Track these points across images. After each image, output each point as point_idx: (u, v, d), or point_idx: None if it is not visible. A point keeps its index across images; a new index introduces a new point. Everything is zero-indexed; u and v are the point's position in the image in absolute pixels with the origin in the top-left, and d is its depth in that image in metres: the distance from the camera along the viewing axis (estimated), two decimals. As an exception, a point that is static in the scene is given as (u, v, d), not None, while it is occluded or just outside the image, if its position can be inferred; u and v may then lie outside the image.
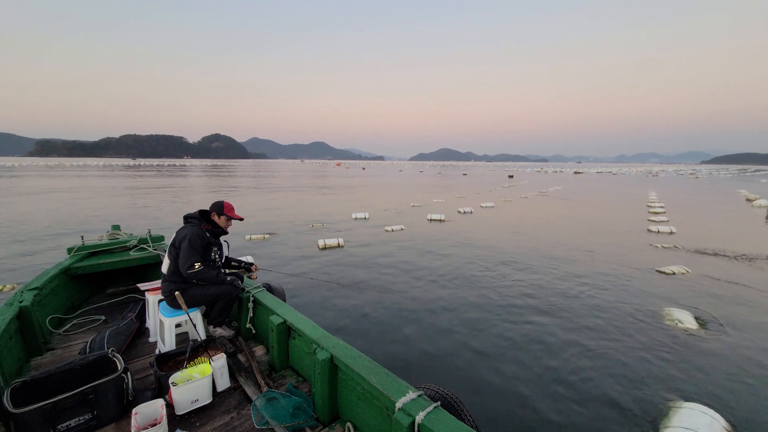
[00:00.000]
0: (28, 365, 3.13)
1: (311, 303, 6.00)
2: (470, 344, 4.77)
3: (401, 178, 50.70)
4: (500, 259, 8.80)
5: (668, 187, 37.59)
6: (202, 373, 2.66)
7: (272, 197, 23.12)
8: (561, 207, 19.83)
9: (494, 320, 5.46)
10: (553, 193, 29.34)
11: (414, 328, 5.18)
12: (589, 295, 6.53)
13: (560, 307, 5.97)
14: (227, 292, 3.39)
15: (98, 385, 2.39)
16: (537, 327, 5.26)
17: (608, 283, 7.12)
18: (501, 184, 40.13)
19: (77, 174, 47.83)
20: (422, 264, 8.25)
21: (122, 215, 14.76)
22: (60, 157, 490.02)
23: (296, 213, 16.23)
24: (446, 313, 5.68)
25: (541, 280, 7.32)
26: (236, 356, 3.29)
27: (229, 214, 3.46)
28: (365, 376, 2.16)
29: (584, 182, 46.54)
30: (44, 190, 25.43)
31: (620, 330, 5.20)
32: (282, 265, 7.97)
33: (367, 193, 27.46)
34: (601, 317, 5.60)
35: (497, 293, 6.54)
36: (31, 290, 3.47)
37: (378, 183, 39.62)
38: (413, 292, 6.49)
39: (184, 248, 3.14)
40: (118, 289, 4.89)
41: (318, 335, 2.69)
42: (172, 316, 3.20)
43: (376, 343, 4.77)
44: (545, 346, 4.73)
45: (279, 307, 3.23)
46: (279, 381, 2.98)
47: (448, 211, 16.82)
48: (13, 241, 10.21)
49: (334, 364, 2.46)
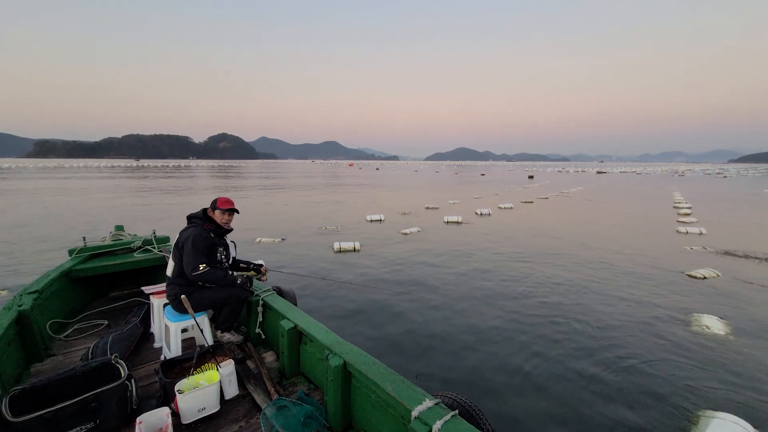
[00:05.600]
0: (28, 372, 3.12)
1: (324, 307, 5.94)
2: (490, 350, 4.68)
3: (417, 179, 50.32)
4: (519, 262, 8.69)
5: (695, 187, 36.98)
6: (210, 380, 2.63)
7: (283, 199, 23.13)
8: (583, 208, 19.59)
9: (514, 325, 5.38)
10: (575, 193, 29.02)
11: (431, 333, 5.10)
12: (615, 298, 6.44)
13: (584, 311, 5.87)
14: (235, 296, 3.35)
15: (101, 392, 2.36)
16: (559, 332, 5.17)
17: (635, 287, 7.01)
18: (521, 185, 39.53)
19: (78, 176, 48.38)
20: (439, 268, 8.17)
21: (125, 215, 14.81)
22: (59, 158, 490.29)
23: (308, 215, 16.17)
24: (464, 318, 5.59)
25: (562, 283, 7.22)
26: (245, 362, 3.25)
27: (223, 207, 3.37)
28: (380, 384, 2.14)
29: (607, 182, 45.79)
30: (43, 191, 25.72)
31: (646, 335, 5.11)
32: (295, 268, 7.92)
33: (382, 194, 27.35)
34: (627, 322, 5.51)
35: (518, 297, 6.45)
36: (30, 294, 3.46)
37: (393, 184, 39.39)
38: (430, 297, 6.41)
39: (187, 250, 3.11)
40: (122, 293, 4.89)
41: (330, 341, 2.66)
42: (177, 321, 3.17)
43: (391, 349, 4.69)
44: (568, 352, 4.65)
45: (290, 312, 3.19)
46: (290, 388, 2.94)
47: (465, 213, 16.67)
48: (12, 242, 10.26)
49: (348, 370, 2.43)
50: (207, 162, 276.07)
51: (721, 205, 21.42)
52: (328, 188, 32.89)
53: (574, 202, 22.39)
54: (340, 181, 43.96)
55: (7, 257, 8.82)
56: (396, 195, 27.08)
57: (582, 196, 27.09)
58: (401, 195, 27.13)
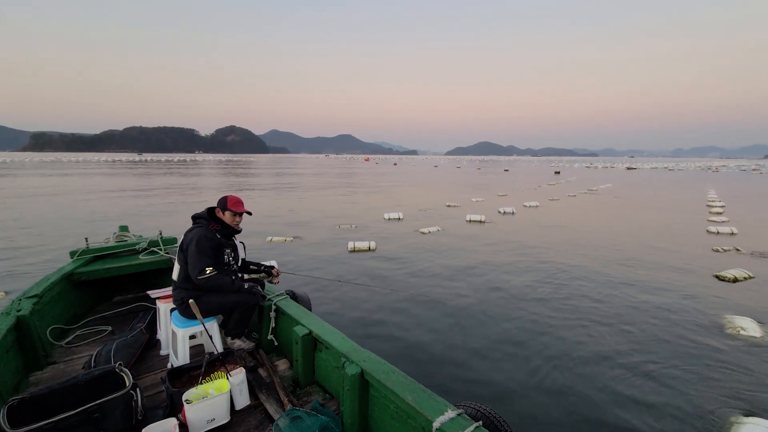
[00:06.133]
0: (27, 381, 3.05)
1: (339, 312, 5.79)
2: (514, 356, 4.57)
3: (437, 175, 49.28)
4: (544, 263, 8.52)
5: (729, 184, 36.09)
6: (219, 390, 2.57)
7: (296, 196, 22.75)
8: (612, 206, 19.17)
9: (539, 328, 5.26)
10: (603, 191, 28.39)
11: (453, 339, 4.98)
12: (643, 301, 6.34)
13: (612, 314, 5.76)
14: (246, 300, 3.26)
15: (104, 402, 2.29)
16: (585, 335, 5.09)
17: (664, 289, 6.89)
18: (546, 181, 38.53)
19: (77, 171, 47.46)
20: (460, 269, 8.00)
21: (130, 215, 14.46)
22: (57, 152, 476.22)
23: (323, 213, 15.88)
24: (487, 323, 5.44)
25: (588, 284, 7.09)
26: (257, 371, 3.19)
27: (234, 209, 3.25)
28: (399, 393, 2.10)
29: (637, 179, 44.54)
30: (41, 189, 25.01)
31: (676, 338, 5.04)
32: (307, 270, 7.78)
33: (400, 191, 26.86)
34: (656, 324, 5.43)
35: (542, 300, 6.32)
36: (29, 298, 3.37)
37: (412, 180, 38.68)
38: (452, 301, 6.26)
39: (191, 252, 3.01)
40: (126, 297, 4.81)
41: (347, 348, 2.62)
42: (185, 327, 3.10)
43: (410, 356, 4.57)
44: (595, 356, 4.58)
45: (304, 317, 3.13)
46: (304, 398, 2.89)
47: (488, 212, 16.32)
48: (9, 243, 10.03)
49: (365, 379, 2.39)
50: (214, 156, 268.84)
51: (755, 203, 20.91)
52: (343, 184, 32.28)
53: (603, 200, 21.93)
54: (356, 177, 42.96)
55: (5, 257, 8.70)
56: (415, 192, 26.54)
57: (610, 193, 26.50)
58: (420, 192, 26.57)
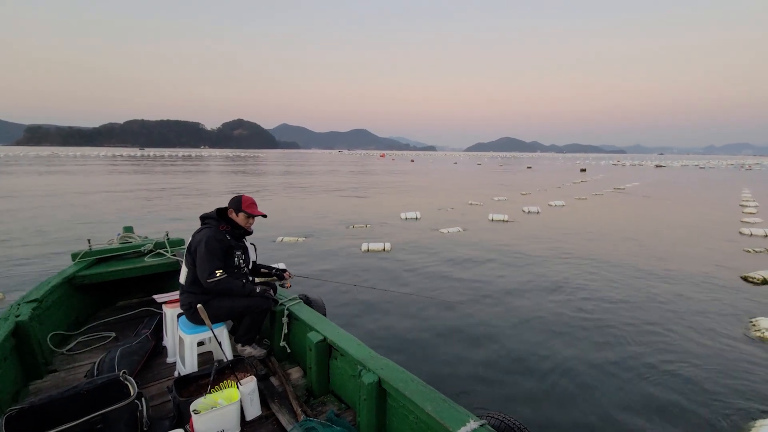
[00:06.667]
0: (26, 390, 2.96)
1: (355, 317, 5.65)
2: (540, 364, 4.43)
3: (456, 172, 48.47)
4: (572, 265, 8.32)
5: (764, 183, 35.24)
6: (229, 399, 2.48)
7: (307, 193, 22.32)
8: (640, 206, 18.79)
9: (563, 335, 5.11)
10: (631, 189, 27.84)
11: (474, 346, 4.84)
12: (668, 300, 6.29)
13: (636, 316, 5.66)
14: (257, 305, 3.17)
15: (108, 412, 2.21)
16: (610, 338, 5.00)
17: (692, 291, 6.76)
18: (572, 179, 37.23)
19: (76, 166, 46.37)
20: (482, 273, 7.80)
21: (134, 215, 14.09)
22: (53, 146, 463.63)
23: (336, 212, 15.57)
24: (512, 329, 5.29)
25: (616, 286, 6.93)
26: (268, 379, 3.10)
27: (249, 211, 3.17)
28: (419, 403, 2.04)
29: (667, 177, 43.61)
30: (39, 186, 24.13)
31: (701, 340, 4.98)
32: (319, 272, 7.61)
33: (418, 189, 26.37)
34: (681, 325, 5.38)
35: (568, 304, 6.15)
36: (29, 302, 3.27)
37: (430, 177, 38.09)
38: (472, 305, 6.10)
39: (200, 254, 2.91)
40: (131, 302, 4.70)
41: (364, 355, 2.54)
42: (193, 333, 3.02)
43: (430, 364, 4.44)
44: (621, 359, 4.51)
45: (318, 323, 3.04)
46: (318, 408, 2.81)
47: (512, 211, 15.91)
48: (6, 244, 9.82)
49: (383, 388, 2.32)
50: (221, 151, 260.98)
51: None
52: (358, 181, 31.71)
53: (631, 199, 21.54)
54: (372, 174, 41.92)
55: (17, 250, 8.60)
56: (434, 189, 26.09)
57: (639, 192, 25.99)
58: (440, 189, 26.11)
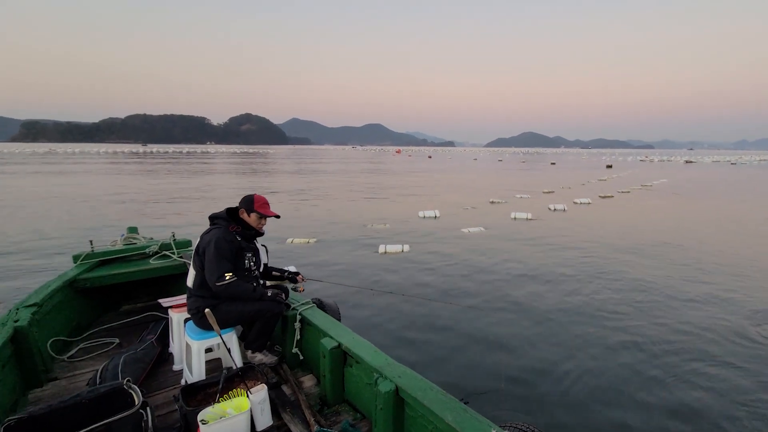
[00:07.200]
0: (25, 399, 2.89)
1: (371, 322, 5.52)
2: (565, 370, 4.30)
3: (477, 169, 46.80)
4: (602, 267, 8.10)
5: None
6: (238, 409, 2.41)
7: (320, 191, 22.10)
8: (670, 204, 18.42)
9: (594, 341, 4.96)
10: (658, 186, 27.37)
11: (497, 352, 4.72)
12: (700, 306, 6.13)
13: (668, 320, 5.52)
14: (268, 309, 3.09)
15: (111, 422, 2.12)
16: (641, 343, 4.88)
17: (722, 292, 6.62)
18: (597, 176, 36.46)
19: (74, 164, 45.70)
20: (506, 275, 7.61)
21: (139, 215, 13.83)
22: (51, 143, 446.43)
23: (350, 210, 15.31)
24: (537, 336, 5.15)
25: (645, 289, 6.76)
26: (280, 388, 3.02)
27: (262, 211, 3.09)
28: (438, 412, 2.00)
29: (697, 173, 42.62)
30: (38, 185, 23.76)
31: (733, 346, 4.88)
32: (333, 275, 7.45)
33: (436, 186, 26.04)
34: (715, 331, 5.25)
35: (597, 308, 6.00)
36: (28, 307, 3.20)
37: (448, 174, 37.59)
38: (494, 309, 5.97)
39: (209, 256, 2.84)
40: (136, 306, 4.63)
41: (380, 362, 2.49)
42: (201, 339, 2.95)
43: (449, 371, 4.32)
44: (654, 368, 4.36)
45: (332, 328, 2.97)
46: (332, 418, 2.77)
47: (535, 209, 15.58)
48: (4, 246, 9.66)
49: (400, 397, 2.28)
50: (228, 147, 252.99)
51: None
52: (373, 179, 31.33)
53: (659, 197, 21.16)
54: (388, 172, 40.91)
55: (15, 251, 8.46)
56: (453, 187, 25.79)
57: (667, 189, 25.54)
58: (460, 187, 25.82)
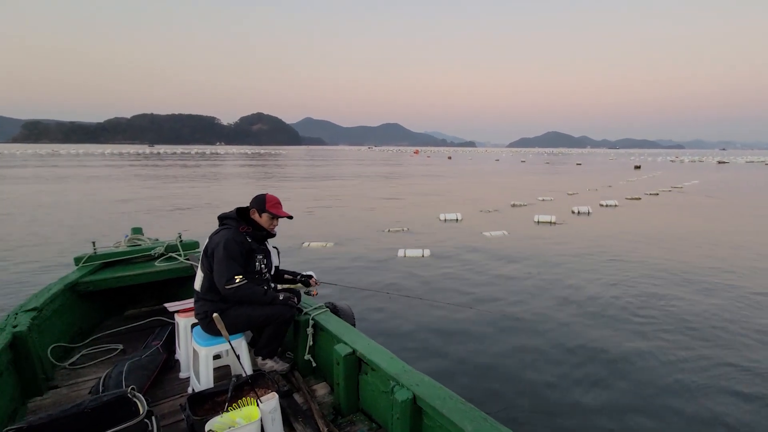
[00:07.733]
0: (25, 408, 2.82)
1: (387, 328, 5.42)
2: (592, 380, 4.20)
3: (498, 171, 46.29)
4: (629, 273, 7.88)
5: None
6: (248, 418, 2.34)
7: (336, 193, 21.98)
8: (701, 207, 17.92)
9: (623, 350, 4.81)
10: (689, 188, 26.78)
11: (519, 360, 4.62)
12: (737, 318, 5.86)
13: (702, 336, 5.30)
14: (280, 314, 3.00)
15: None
16: (672, 356, 4.70)
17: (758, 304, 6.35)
18: (625, 177, 35.84)
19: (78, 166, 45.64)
20: (530, 282, 7.43)
21: (144, 216, 13.70)
22: (54, 143, 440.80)
23: (369, 213, 15.16)
24: (561, 344, 5.01)
25: (680, 300, 6.53)
26: (291, 396, 2.95)
27: (274, 211, 3.01)
28: (457, 422, 1.96)
29: (730, 174, 41.60)
30: (37, 184, 23.91)
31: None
32: (349, 279, 7.32)
33: (457, 188, 25.93)
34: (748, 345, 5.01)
35: (625, 317, 5.83)
36: (27, 312, 3.13)
37: (469, 176, 37.28)
38: (518, 316, 5.86)
39: (218, 258, 2.77)
40: (140, 310, 4.55)
41: (397, 369, 2.43)
42: (209, 345, 2.88)
43: (469, 379, 4.23)
44: (685, 381, 4.23)
45: (347, 334, 2.90)
46: (346, 428, 2.72)
47: (559, 212, 15.26)
48: (3, 247, 9.58)
49: (418, 406, 2.23)
50: (238, 148, 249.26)
51: None
52: (392, 180, 31.13)
53: (690, 200, 20.65)
54: (406, 174, 40.44)
55: (13, 252, 8.40)
56: (475, 190, 25.61)
57: (699, 191, 24.96)
58: (481, 189, 25.71)
